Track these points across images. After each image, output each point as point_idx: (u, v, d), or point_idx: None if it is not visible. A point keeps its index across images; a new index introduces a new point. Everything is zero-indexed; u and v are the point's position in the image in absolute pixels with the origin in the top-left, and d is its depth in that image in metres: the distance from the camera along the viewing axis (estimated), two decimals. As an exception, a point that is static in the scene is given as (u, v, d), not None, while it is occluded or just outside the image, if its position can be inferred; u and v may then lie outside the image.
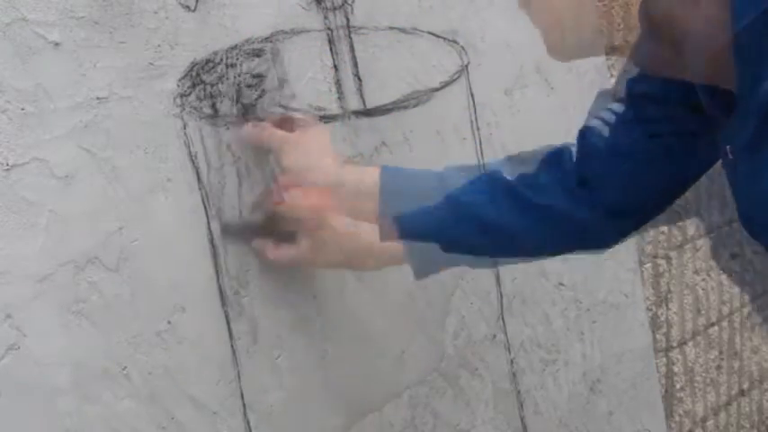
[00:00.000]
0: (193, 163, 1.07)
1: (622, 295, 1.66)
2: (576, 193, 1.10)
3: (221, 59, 1.10)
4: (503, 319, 1.44)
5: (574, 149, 1.12)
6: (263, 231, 1.11)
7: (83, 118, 0.97)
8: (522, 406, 1.47)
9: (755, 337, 2.18)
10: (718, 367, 2.09)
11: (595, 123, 1.09)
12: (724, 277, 2.09)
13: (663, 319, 1.91)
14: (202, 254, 1.08)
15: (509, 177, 1.12)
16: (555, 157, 1.12)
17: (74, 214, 0.97)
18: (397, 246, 1.11)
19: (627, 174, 1.08)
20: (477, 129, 1.40)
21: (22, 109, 0.93)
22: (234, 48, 1.11)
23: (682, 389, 1.98)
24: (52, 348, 0.94)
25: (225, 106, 1.11)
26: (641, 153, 1.06)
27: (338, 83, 1.22)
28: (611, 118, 1.09)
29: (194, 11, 1.07)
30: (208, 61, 1.09)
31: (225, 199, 1.10)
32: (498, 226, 1.10)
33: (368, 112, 1.24)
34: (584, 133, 1.10)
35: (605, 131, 1.08)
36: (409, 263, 1.14)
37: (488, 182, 1.12)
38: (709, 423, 2.08)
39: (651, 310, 1.86)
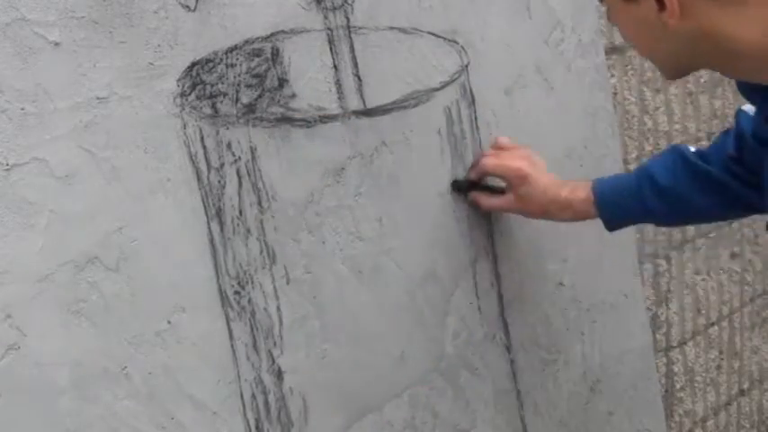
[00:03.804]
0: (193, 163, 1.07)
1: (622, 295, 1.66)
2: (729, 164, 1.25)
3: (221, 59, 1.10)
4: (503, 319, 1.44)
5: None
6: (480, 187, 1.35)
7: (83, 118, 0.97)
8: (522, 406, 1.47)
9: (755, 337, 2.18)
10: (718, 367, 2.09)
11: (747, 107, 1.20)
12: (724, 277, 2.09)
13: (663, 319, 1.91)
14: (202, 254, 1.08)
15: (692, 149, 1.29)
16: (725, 131, 1.28)
17: (74, 214, 0.97)
18: (589, 204, 1.31)
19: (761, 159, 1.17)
20: (477, 129, 1.40)
21: (22, 109, 0.93)
22: (234, 48, 1.11)
23: (682, 389, 1.98)
24: (52, 348, 0.94)
25: (225, 106, 1.11)
26: None
27: (338, 83, 1.22)
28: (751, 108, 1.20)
29: (194, 11, 1.07)
30: (208, 61, 1.09)
31: (225, 199, 1.10)
32: (670, 189, 1.27)
33: (368, 112, 1.24)
34: (738, 113, 1.23)
35: (752, 112, 1.19)
36: (601, 216, 1.32)
37: (671, 153, 1.30)
38: (710, 423, 2.08)
39: (651, 310, 1.86)
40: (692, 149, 1.29)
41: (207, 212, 1.08)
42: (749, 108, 1.19)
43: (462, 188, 1.34)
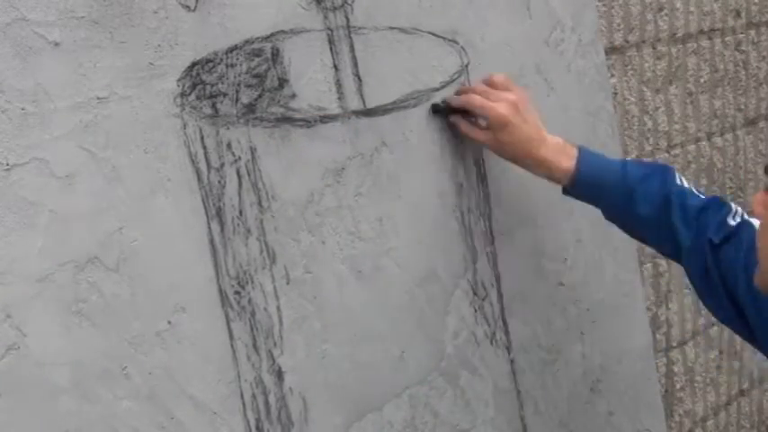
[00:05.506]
0: (193, 163, 1.07)
1: (622, 295, 1.66)
2: (701, 239, 1.26)
3: (221, 59, 1.10)
4: (503, 319, 1.44)
5: (735, 208, 1.28)
6: (462, 113, 1.34)
7: (83, 118, 0.97)
8: (522, 406, 1.47)
9: (755, 337, 2.18)
10: (719, 367, 2.09)
11: (755, 221, 1.20)
12: (724, 277, 2.08)
13: (663, 319, 1.91)
14: (202, 254, 1.08)
15: (678, 183, 1.31)
16: (726, 206, 1.28)
17: (74, 214, 0.97)
18: (568, 176, 1.33)
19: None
20: (477, 129, 1.39)
21: (22, 109, 0.93)
22: (234, 48, 1.11)
23: (682, 389, 1.98)
24: (52, 348, 0.94)
25: (225, 106, 1.11)
26: None
27: (338, 83, 1.22)
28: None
29: (194, 11, 1.07)
30: (208, 61, 1.09)
31: (225, 199, 1.10)
32: (642, 219, 1.32)
33: (368, 112, 1.24)
34: (747, 226, 1.23)
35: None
36: (570, 191, 1.35)
37: (661, 188, 1.31)
38: (710, 423, 2.08)
39: (651, 310, 1.86)
40: (678, 184, 1.31)
41: (207, 212, 1.08)
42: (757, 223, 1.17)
43: (442, 111, 1.33)
